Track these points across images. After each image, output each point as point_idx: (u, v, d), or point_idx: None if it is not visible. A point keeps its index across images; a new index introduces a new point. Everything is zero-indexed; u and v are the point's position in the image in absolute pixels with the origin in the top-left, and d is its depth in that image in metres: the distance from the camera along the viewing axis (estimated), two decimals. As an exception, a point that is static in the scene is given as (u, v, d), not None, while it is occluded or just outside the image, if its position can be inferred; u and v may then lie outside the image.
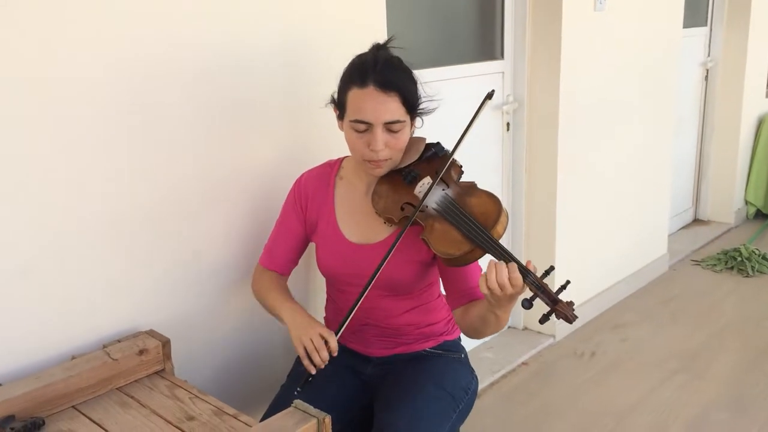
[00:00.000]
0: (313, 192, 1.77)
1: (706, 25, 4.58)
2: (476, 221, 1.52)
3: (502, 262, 1.44)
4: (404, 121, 1.58)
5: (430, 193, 1.58)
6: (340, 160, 1.80)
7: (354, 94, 1.56)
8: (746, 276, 4.00)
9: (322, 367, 1.54)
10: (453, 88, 2.74)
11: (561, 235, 3.17)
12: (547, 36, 2.95)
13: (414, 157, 1.67)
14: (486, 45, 2.98)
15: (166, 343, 1.63)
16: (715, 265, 4.15)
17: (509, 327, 3.37)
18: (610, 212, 3.52)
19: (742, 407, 2.70)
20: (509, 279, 1.41)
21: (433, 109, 1.67)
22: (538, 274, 1.45)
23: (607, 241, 3.53)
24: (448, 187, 1.61)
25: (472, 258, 1.51)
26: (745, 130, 4.72)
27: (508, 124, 3.08)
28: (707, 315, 3.53)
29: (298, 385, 1.56)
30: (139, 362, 1.59)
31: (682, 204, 4.79)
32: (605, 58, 3.23)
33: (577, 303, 3.53)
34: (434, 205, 1.58)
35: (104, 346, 1.61)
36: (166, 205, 1.73)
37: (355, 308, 1.56)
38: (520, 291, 1.44)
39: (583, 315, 3.43)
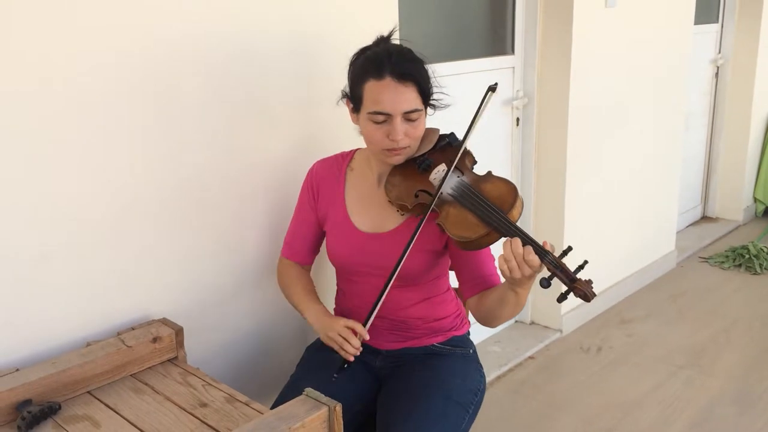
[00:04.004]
0: (324, 180, 1.79)
1: (717, 22, 4.57)
2: (492, 204, 1.53)
3: (517, 243, 1.45)
4: (421, 110, 1.61)
5: (446, 180, 1.60)
6: (352, 152, 1.83)
7: (371, 86, 1.58)
8: (754, 273, 4.00)
9: (358, 354, 1.59)
10: (463, 82, 2.75)
11: (569, 230, 3.17)
12: (558, 32, 2.96)
13: (428, 147, 1.69)
14: (497, 40, 2.99)
15: (179, 332, 1.65)
16: (722, 262, 4.15)
17: (516, 321, 3.39)
18: (618, 208, 3.53)
19: (747, 403, 2.71)
20: (526, 261, 1.43)
21: (448, 105, 1.69)
22: (556, 254, 1.47)
23: (615, 236, 3.54)
24: (463, 174, 1.63)
25: (488, 241, 1.52)
26: (754, 127, 4.71)
27: (517, 119, 3.09)
28: (714, 312, 3.54)
29: (335, 372, 1.62)
30: (153, 350, 1.61)
31: (691, 201, 4.79)
32: (615, 55, 3.23)
33: (584, 298, 3.46)
34: (450, 191, 1.60)
35: (119, 334, 1.63)
36: (181, 195, 1.75)
37: (382, 298, 1.60)
38: (538, 270, 1.45)
39: (590, 310, 3.44)
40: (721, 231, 4.68)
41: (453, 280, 1.90)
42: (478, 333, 3.12)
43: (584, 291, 1.44)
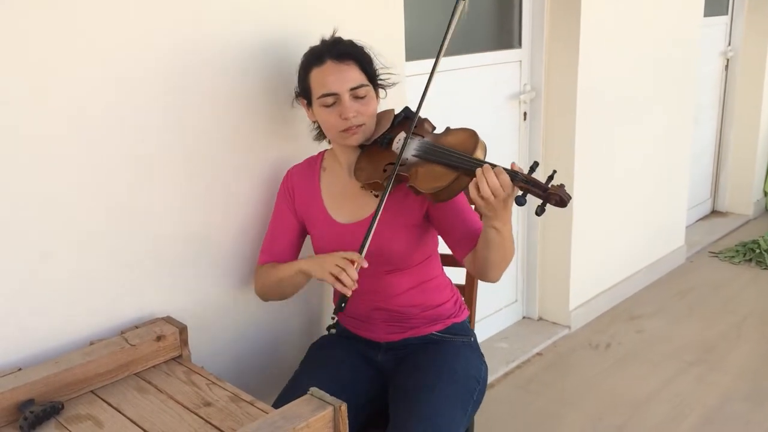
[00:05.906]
0: (300, 182, 1.82)
1: (726, 14, 4.53)
2: (456, 150, 1.56)
3: (487, 166, 1.46)
4: (368, 86, 1.67)
5: (408, 145, 1.64)
6: (321, 154, 1.86)
7: (315, 74, 1.66)
8: (764, 268, 3.97)
9: (355, 287, 1.53)
10: (470, 76, 2.72)
11: (577, 225, 3.15)
12: (566, 25, 2.93)
13: (386, 126, 1.73)
14: (504, 34, 2.97)
15: (183, 330, 1.64)
16: (733, 257, 4.12)
17: (524, 317, 3.37)
18: (627, 203, 3.50)
19: (758, 399, 2.69)
20: (499, 182, 1.44)
21: (395, 83, 1.76)
22: (525, 172, 1.47)
23: (624, 231, 3.52)
24: (424, 137, 1.67)
25: (459, 185, 1.53)
26: (765, 121, 4.66)
27: (525, 113, 3.06)
28: (724, 307, 3.51)
29: (335, 311, 1.60)
30: (157, 348, 1.60)
31: (701, 195, 4.75)
32: (624, 48, 3.20)
33: (593, 293, 3.51)
34: (414, 153, 1.63)
35: (122, 332, 1.62)
36: (184, 194, 1.74)
37: (375, 224, 1.57)
38: (511, 192, 1.46)
39: (598, 306, 3.42)
40: (731, 225, 4.65)
41: (451, 274, 1.90)
42: (484, 329, 3.11)
43: (559, 195, 1.42)
